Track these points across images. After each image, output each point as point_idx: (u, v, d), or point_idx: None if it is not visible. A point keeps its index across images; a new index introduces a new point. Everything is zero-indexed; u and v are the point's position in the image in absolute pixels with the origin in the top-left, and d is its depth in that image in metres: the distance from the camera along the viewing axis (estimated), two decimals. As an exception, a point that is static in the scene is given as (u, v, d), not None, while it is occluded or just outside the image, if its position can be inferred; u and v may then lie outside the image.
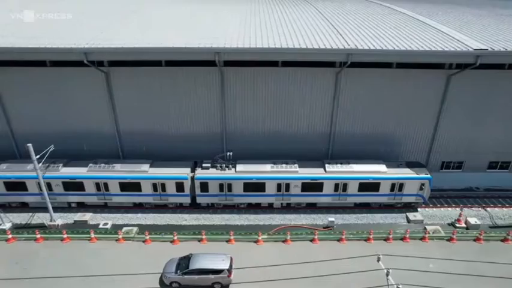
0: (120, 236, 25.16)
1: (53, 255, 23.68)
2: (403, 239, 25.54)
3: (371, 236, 25.39)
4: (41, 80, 27.87)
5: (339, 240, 25.38)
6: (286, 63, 27.17)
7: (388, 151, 30.66)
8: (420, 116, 29.33)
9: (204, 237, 25.13)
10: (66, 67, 27.12)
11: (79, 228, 26.38)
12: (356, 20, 32.17)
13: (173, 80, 27.87)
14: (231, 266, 21.07)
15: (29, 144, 23.72)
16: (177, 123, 29.55)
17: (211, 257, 21.45)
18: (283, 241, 25.18)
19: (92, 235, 25.13)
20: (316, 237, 25.26)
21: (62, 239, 25.06)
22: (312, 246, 24.81)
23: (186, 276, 20.64)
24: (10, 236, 24.95)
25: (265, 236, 25.49)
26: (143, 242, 24.99)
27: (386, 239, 25.51)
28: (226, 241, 25.08)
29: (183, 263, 21.25)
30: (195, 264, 20.86)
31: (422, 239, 25.61)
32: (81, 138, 29.82)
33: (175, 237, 24.94)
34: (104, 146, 30.16)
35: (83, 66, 26.00)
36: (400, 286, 12.68)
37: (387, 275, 13.60)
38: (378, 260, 15.29)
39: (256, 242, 25.06)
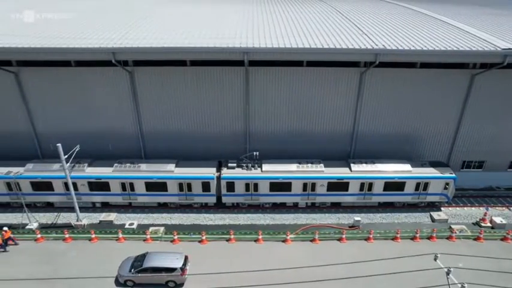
0: (148, 236, 25.19)
1: (83, 255, 23.69)
2: (429, 238, 25.61)
3: (398, 235, 25.45)
4: (65, 80, 27.77)
5: (366, 239, 25.44)
6: (311, 63, 27.19)
7: (410, 150, 30.71)
8: (443, 116, 29.35)
9: (232, 236, 25.16)
10: (90, 67, 27.10)
11: (105, 228, 26.41)
12: (377, 20, 32.18)
13: (197, 80, 27.83)
14: (184, 264, 21.25)
15: (58, 144, 23.69)
16: (201, 122, 29.50)
17: (165, 255, 21.77)
18: (311, 240, 25.21)
19: (120, 235, 25.15)
20: (344, 236, 25.32)
21: (90, 239, 25.07)
22: (341, 246, 24.85)
23: (140, 274, 20.85)
24: (39, 236, 24.98)
25: (292, 236, 25.53)
26: (171, 241, 25.02)
27: (412, 238, 25.58)
28: (255, 240, 25.11)
29: (138, 262, 21.46)
30: (149, 263, 21.08)
31: (448, 238, 25.69)
32: (103, 138, 29.76)
33: (204, 237, 24.97)
34: (126, 145, 30.11)
35: (108, 65, 26.03)
36: (466, 285, 12.64)
37: (448, 274, 13.57)
38: (435, 259, 15.28)
39: (284, 241, 25.11)
